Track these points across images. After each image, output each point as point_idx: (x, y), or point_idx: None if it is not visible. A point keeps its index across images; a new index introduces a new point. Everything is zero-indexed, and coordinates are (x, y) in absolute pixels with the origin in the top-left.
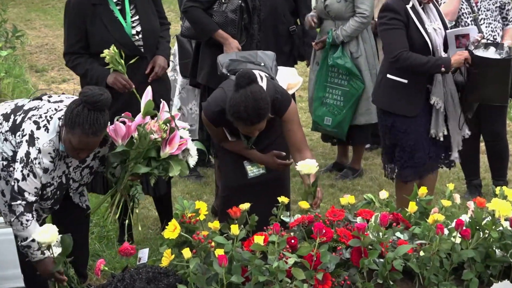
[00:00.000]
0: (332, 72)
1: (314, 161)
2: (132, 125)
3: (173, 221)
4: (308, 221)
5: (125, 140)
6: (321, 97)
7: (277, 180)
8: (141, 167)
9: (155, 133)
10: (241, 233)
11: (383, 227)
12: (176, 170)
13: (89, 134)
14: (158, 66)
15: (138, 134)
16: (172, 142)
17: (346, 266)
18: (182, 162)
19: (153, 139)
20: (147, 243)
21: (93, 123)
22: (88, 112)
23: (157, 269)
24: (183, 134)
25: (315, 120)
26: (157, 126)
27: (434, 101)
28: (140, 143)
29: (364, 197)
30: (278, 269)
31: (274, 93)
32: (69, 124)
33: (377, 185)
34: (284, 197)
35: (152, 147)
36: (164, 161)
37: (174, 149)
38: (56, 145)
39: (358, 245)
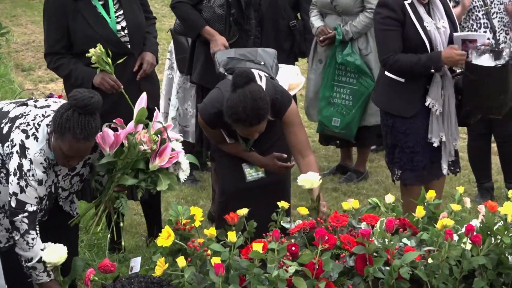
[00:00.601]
0: (340, 70)
1: (316, 175)
2: (122, 133)
3: (167, 228)
4: (309, 227)
5: (113, 149)
6: (328, 96)
7: (277, 184)
8: (128, 179)
9: (145, 144)
10: (238, 240)
11: (389, 233)
12: (165, 184)
13: (80, 139)
14: (147, 62)
15: (128, 143)
16: (163, 154)
17: (350, 275)
18: (172, 176)
19: (142, 150)
20: (139, 251)
21: (84, 128)
22: (78, 117)
23: (150, 278)
24: (175, 146)
25: (322, 121)
26: (148, 136)
27: (429, 102)
28: (128, 153)
29: (369, 202)
30: (278, 278)
31: (273, 93)
32: (59, 130)
33: (383, 188)
34: (284, 202)
35: (140, 158)
36: (153, 174)
37: (164, 162)
38: (47, 153)
39: (362, 252)
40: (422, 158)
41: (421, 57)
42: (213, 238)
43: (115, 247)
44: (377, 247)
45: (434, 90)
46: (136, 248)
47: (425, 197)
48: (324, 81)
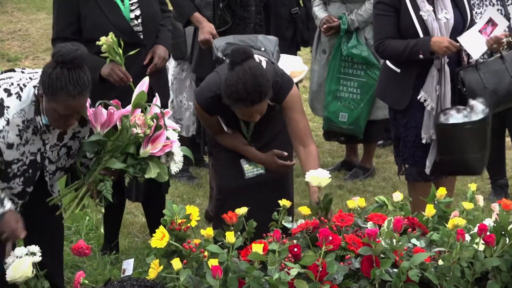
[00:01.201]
0: (346, 61)
1: (326, 173)
2: (116, 113)
3: (161, 228)
4: (312, 227)
5: (104, 129)
6: (334, 90)
7: (278, 181)
8: (116, 162)
9: (139, 127)
10: (237, 241)
11: (397, 233)
12: (154, 172)
13: (75, 95)
14: (158, 56)
15: (121, 125)
16: (156, 141)
17: (355, 277)
18: (163, 166)
19: (134, 133)
20: (132, 253)
21: (77, 83)
22: (68, 73)
23: (143, 282)
24: (171, 136)
25: (328, 117)
26: (143, 120)
27: (421, 96)
28: (120, 136)
29: (375, 200)
30: (279, 281)
31: (274, 76)
32: (50, 91)
33: (391, 185)
34: (286, 200)
35: (132, 142)
36: (143, 161)
37: (157, 150)
38: (27, 115)
39: (369, 254)
40: (423, 153)
41: (410, 41)
42: (210, 239)
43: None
44: (384, 248)
45: (428, 84)
46: (129, 249)
47: (435, 194)
48: (329, 74)
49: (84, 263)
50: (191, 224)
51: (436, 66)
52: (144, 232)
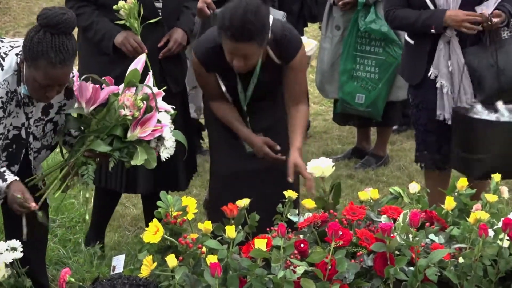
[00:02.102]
0: (363, 38)
1: (329, 161)
2: (104, 90)
3: (155, 222)
4: (321, 221)
5: (89, 106)
6: (350, 69)
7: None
8: (101, 144)
9: (127, 108)
10: (238, 236)
11: (414, 227)
12: (141, 158)
13: (56, 63)
14: (174, 41)
15: (108, 104)
16: (146, 124)
17: (368, 276)
18: (152, 152)
19: (122, 115)
20: (123, 248)
21: (60, 50)
22: (51, 37)
23: (135, 280)
24: (163, 119)
25: (344, 99)
26: (132, 100)
27: (431, 73)
28: (107, 115)
29: (390, 191)
30: (284, 280)
31: (281, 30)
32: (30, 55)
33: (406, 175)
34: (291, 191)
35: (119, 124)
36: (131, 145)
37: (146, 134)
38: (10, 86)
39: (382, 250)
40: (436, 138)
41: (422, 13)
42: (208, 233)
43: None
44: (399, 244)
45: (438, 60)
46: (119, 244)
47: (455, 185)
48: (344, 51)
49: (70, 259)
50: (188, 217)
51: (444, 40)
52: (136, 225)
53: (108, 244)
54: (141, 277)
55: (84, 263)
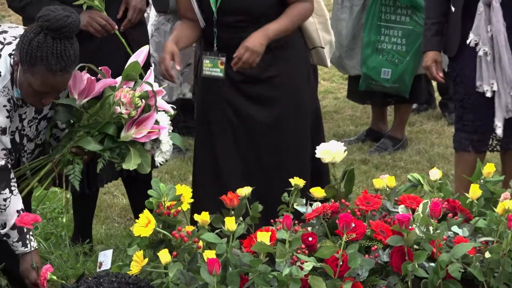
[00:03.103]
0: (387, 6)
1: (340, 145)
2: (100, 83)
3: (146, 213)
4: (331, 212)
5: (82, 98)
6: (374, 41)
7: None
8: (91, 142)
9: (123, 106)
10: (239, 229)
11: (435, 219)
12: (134, 163)
13: (56, 71)
14: (133, 8)
15: (103, 98)
16: (142, 125)
17: (383, 273)
18: (146, 155)
19: (117, 113)
20: (111, 242)
21: (61, 56)
22: (52, 42)
23: (124, 278)
24: (161, 120)
25: (368, 74)
26: (129, 98)
27: (471, 40)
28: (101, 110)
29: (408, 178)
30: (290, 278)
31: None
32: (28, 60)
33: (426, 160)
34: (298, 179)
35: (113, 122)
36: (124, 145)
37: (141, 135)
38: (11, 92)
39: (400, 245)
40: (473, 116)
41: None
42: (205, 226)
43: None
44: (418, 237)
45: (478, 25)
46: (107, 238)
47: (481, 171)
48: (367, 22)
49: (52, 254)
50: (183, 207)
51: (484, 2)
52: (125, 217)
53: (94, 237)
54: (131, 274)
55: (68, 258)
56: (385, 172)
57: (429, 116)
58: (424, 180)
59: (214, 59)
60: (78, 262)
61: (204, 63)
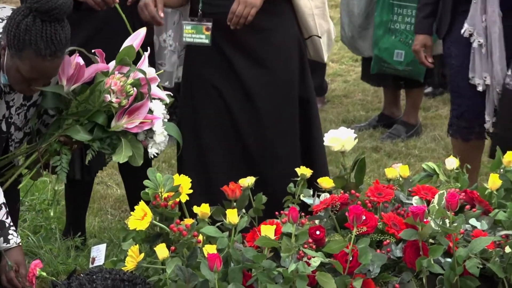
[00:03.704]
0: None
1: (350, 132)
2: (91, 68)
3: (142, 205)
4: (340, 203)
5: (70, 84)
6: (386, 21)
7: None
8: (80, 132)
9: (113, 94)
10: (241, 222)
11: (451, 211)
12: (125, 155)
13: (45, 56)
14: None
15: (94, 83)
16: (135, 114)
17: (396, 269)
18: (138, 147)
19: (107, 101)
20: (104, 236)
21: (51, 40)
22: (42, 25)
23: (118, 274)
24: (156, 109)
25: (380, 56)
26: (120, 85)
27: (465, 30)
28: (91, 97)
29: (422, 167)
30: (296, 274)
31: None
32: (15, 44)
33: (443, 147)
34: (305, 168)
35: (103, 110)
36: (115, 135)
37: (134, 125)
38: None
39: (414, 239)
40: (460, 101)
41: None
42: (206, 219)
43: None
44: (434, 231)
45: (473, 14)
46: (100, 231)
47: (501, 160)
48: (379, 1)
49: (42, 249)
50: (181, 199)
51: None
52: (119, 209)
53: (86, 231)
54: (126, 270)
55: (59, 253)
56: (398, 161)
57: (445, 100)
58: (439, 169)
59: (198, 25)
60: (69, 257)
61: (185, 29)
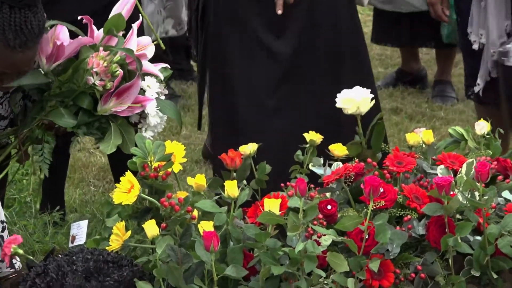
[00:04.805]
0: None
1: (367, 92)
2: (73, 43)
3: (129, 175)
4: (355, 174)
5: (50, 63)
6: None
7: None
8: (64, 116)
9: (97, 76)
10: (242, 195)
11: (482, 182)
12: (114, 143)
13: (15, 46)
14: None
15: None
16: (124, 95)
17: (418, 249)
18: (130, 131)
19: (90, 84)
20: (86, 210)
21: (21, 29)
22: (10, 12)
23: (102, 255)
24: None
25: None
26: (103, 66)
27: None
28: (75, 76)
29: (449, 132)
30: (304, 255)
31: None
32: None
33: (472, 109)
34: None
35: (88, 92)
36: (104, 118)
37: (123, 108)
38: None
39: (438, 214)
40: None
41: None
42: (202, 191)
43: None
44: (462, 205)
45: None
46: (81, 205)
47: None
48: None
49: (15, 225)
50: (174, 169)
51: None
52: (104, 179)
53: (66, 204)
54: (110, 250)
55: (34, 230)
56: (421, 124)
57: None
58: (468, 135)
59: None
60: (46, 235)
61: None
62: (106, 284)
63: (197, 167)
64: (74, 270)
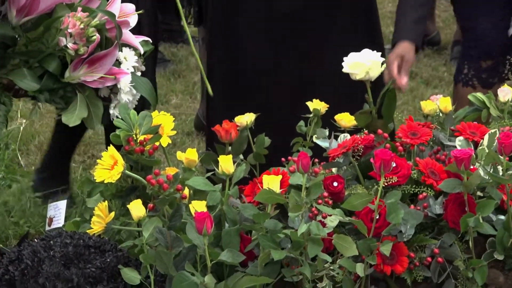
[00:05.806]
0: None
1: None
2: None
3: (112, 150)
4: (364, 147)
5: (20, 17)
6: None
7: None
8: (27, 77)
9: (70, 38)
10: (238, 171)
11: (506, 155)
12: (78, 115)
13: None
14: None
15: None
16: (97, 64)
17: (435, 230)
18: (98, 104)
19: (62, 45)
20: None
21: None
22: None
23: (82, 239)
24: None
25: None
26: (79, 28)
27: None
28: (45, 35)
29: (469, 98)
30: (307, 237)
31: None
32: None
33: None
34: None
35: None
36: (70, 87)
37: (94, 78)
38: None
39: (457, 191)
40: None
41: None
42: (193, 167)
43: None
44: (483, 180)
45: None
46: None
47: None
48: None
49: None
50: (162, 142)
51: None
52: (85, 154)
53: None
54: (92, 234)
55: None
56: (438, 91)
57: None
58: (490, 102)
59: None
60: (23, 218)
61: None
62: (87, 272)
63: (189, 140)
64: (52, 256)
